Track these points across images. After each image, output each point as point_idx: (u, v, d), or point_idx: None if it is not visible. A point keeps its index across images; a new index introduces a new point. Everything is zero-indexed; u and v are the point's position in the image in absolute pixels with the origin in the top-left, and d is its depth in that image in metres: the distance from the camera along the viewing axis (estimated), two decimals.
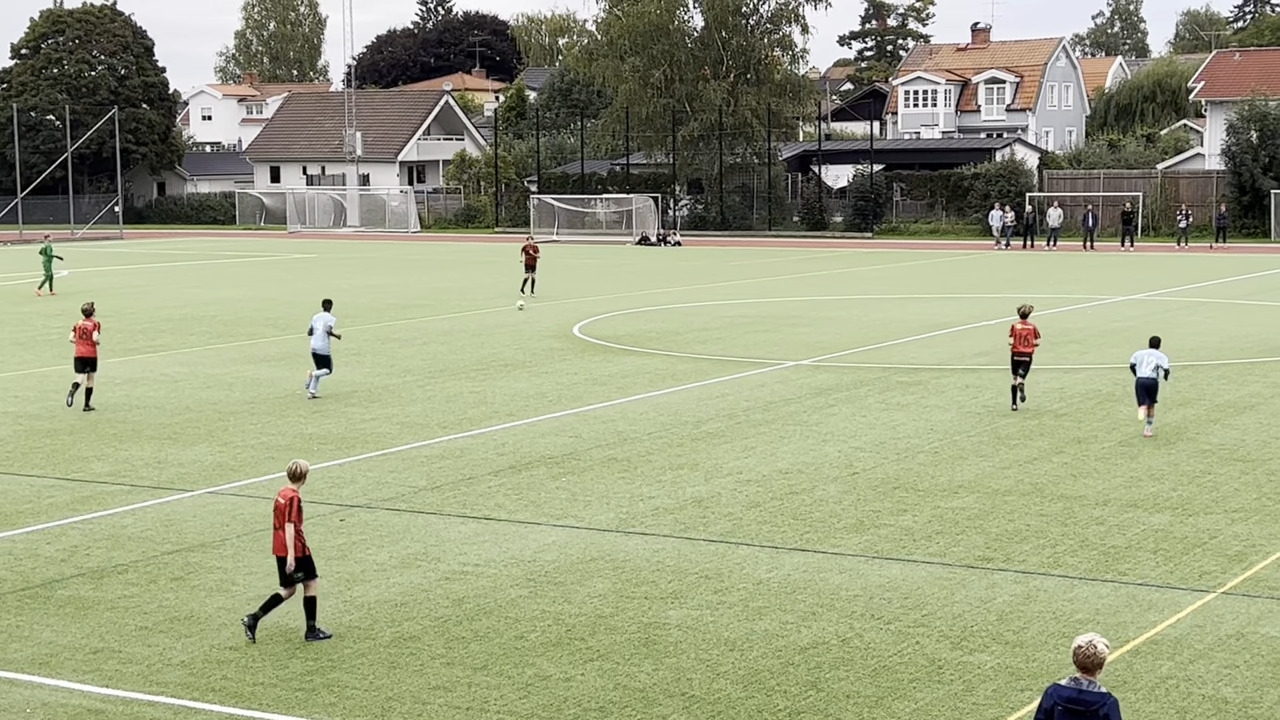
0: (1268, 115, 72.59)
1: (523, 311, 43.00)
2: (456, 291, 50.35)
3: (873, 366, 31.71)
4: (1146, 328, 37.23)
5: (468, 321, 41.05)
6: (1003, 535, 18.08)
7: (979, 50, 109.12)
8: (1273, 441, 23.19)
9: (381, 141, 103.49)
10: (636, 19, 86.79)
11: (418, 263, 65.62)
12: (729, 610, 15.41)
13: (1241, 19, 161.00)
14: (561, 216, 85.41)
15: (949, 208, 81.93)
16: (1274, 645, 14.13)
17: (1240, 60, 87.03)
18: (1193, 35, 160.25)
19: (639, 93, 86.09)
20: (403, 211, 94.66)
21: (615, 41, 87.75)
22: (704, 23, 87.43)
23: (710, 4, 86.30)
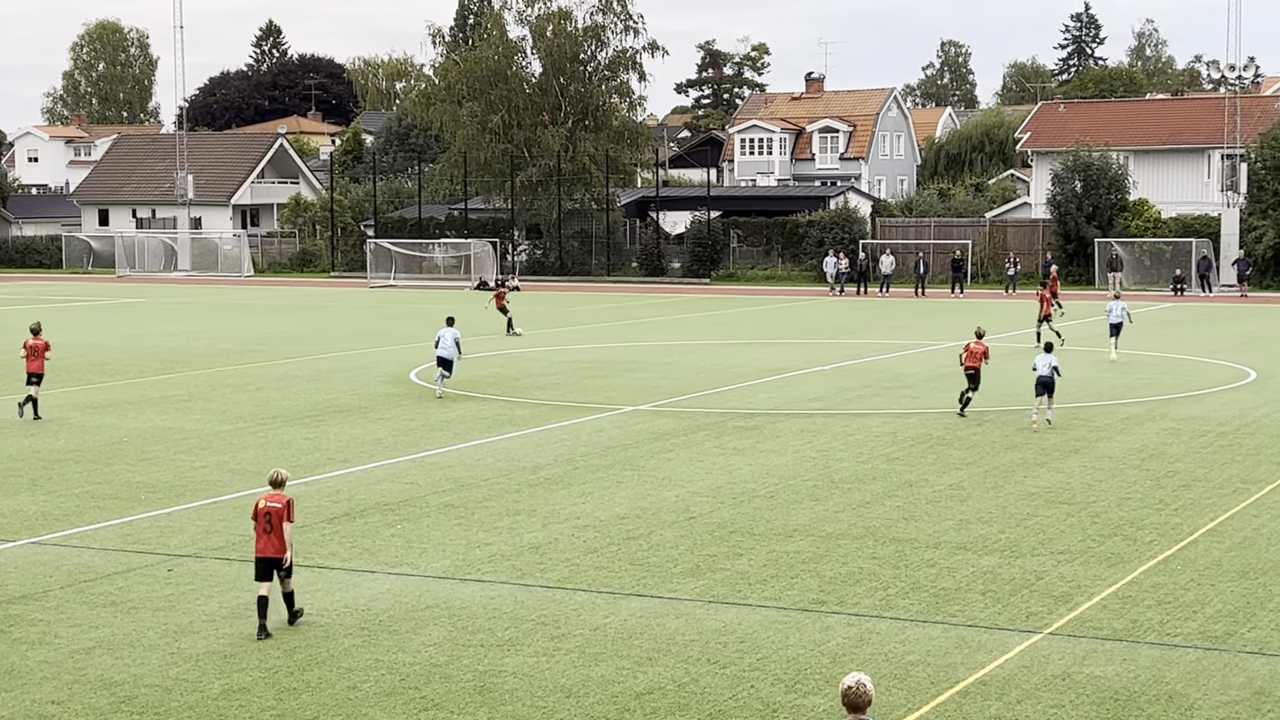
0: (1091, 165, 74.68)
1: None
2: (291, 337, 49.73)
3: (710, 411, 31.91)
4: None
5: (302, 367, 40.55)
6: (836, 578, 18.26)
7: (813, 100, 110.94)
8: (1096, 484, 23.76)
9: (214, 184, 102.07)
10: (474, 64, 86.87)
11: (251, 307, 64.70)
12: (565, 657, 15.35)
13: (1066, 71, 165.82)
14: (399, 261, 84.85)
15: (785, 254, 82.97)
16: (1099, 685, 14.42)
17: (1064, 112, 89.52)
18: (1019, 87, 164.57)
19: (477, 138, 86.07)
20: (236, 255, 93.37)
21: (453, 86, 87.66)
22: (542, 69, 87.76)
23: (548, 50, 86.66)
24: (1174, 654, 15.30)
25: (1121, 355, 40.72)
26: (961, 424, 29.79)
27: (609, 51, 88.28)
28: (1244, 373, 37.78)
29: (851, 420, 30.55)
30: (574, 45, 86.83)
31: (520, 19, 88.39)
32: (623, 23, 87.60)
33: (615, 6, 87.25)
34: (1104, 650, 15.45)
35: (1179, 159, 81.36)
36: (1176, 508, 21.97)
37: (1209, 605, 16.94)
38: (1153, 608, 16.89)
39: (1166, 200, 77.55)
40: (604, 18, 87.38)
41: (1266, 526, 20.69)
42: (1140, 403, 32.62)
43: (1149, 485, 23.62)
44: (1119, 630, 16.09)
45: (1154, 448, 26.93)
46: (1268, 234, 70.32)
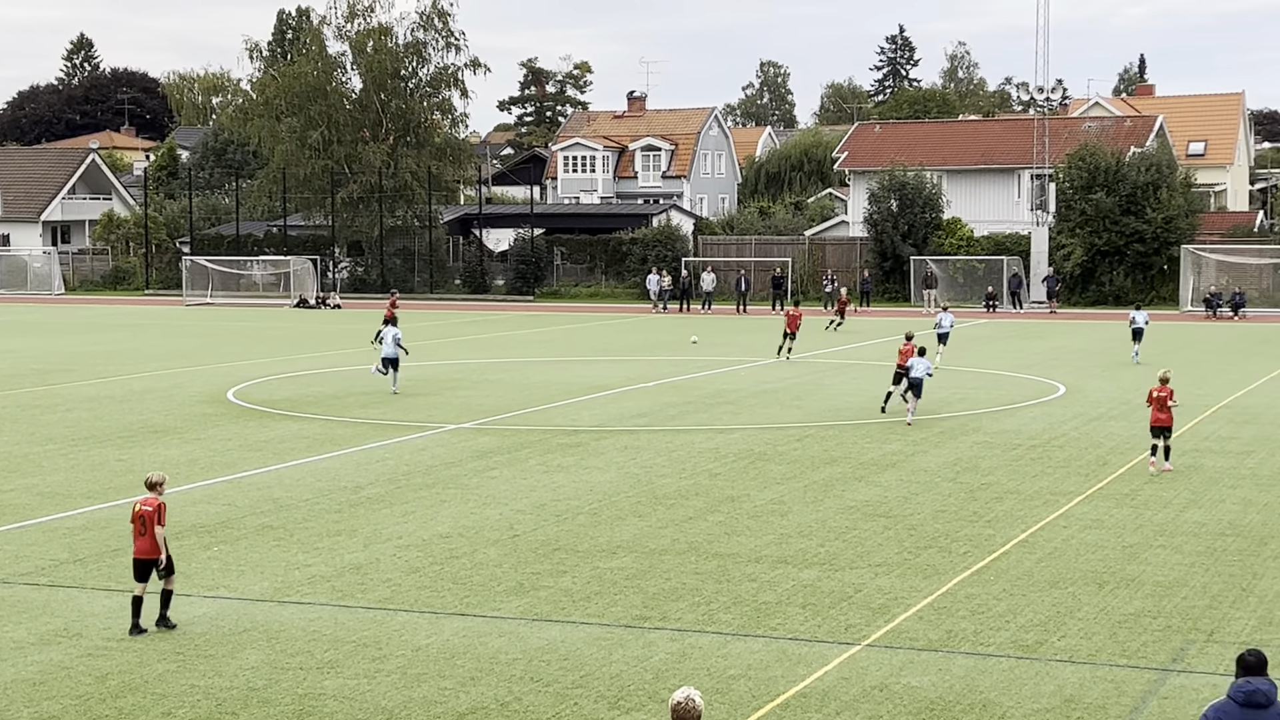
0: (906, 185, 76.20)
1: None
2: (103, 356, 48.57)
3: (534, 429, 31.87)
4: (796, 389, 38.53)
5: (115, 387, 39.63)
6: (659, 594, 18.34)
7: (635, 118, 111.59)
8: (912, 497, 24.19)
9: (23, 200, 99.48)
10: (293, 79, 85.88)
11: (61, 326, 63.10)
12: (387, 678, 15.19)
13: (882, 92, 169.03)
14: (216, 279, 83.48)
15: (608, 271, 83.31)
16: (915, 695, 14.67)
17: (880, 132, 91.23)
18: (836, 107, 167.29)
19: (296, 154, 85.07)
20: (46, 273, 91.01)
21: (271, 101, 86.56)
22: (363, 85, 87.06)
23: (369, 66, 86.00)
24: (987, 663, 15.62)
25: (940, 367, 41.50)
26: (782, 439, 30.14)
27: (431, 68, 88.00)
28: (1054, 387, 38.80)
29: (674, 436, 30.73)
30: (395, 61, 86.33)
31: (340, 34, 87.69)
32: (444, 39, 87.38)
33: (436, 23, 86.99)
34: (920, 661, 15.71)
35: (990, 179, 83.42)
36: (990, 520, 22.47)
37: (1021, 615, 17.33)
38: (967, 618, 17.22)
39: (979, 219, 79.45)
40: (425, 34, 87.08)
41: (1075, 537, 21.24)
42: (955, 417, 33.31)
43: (963, 498, 24.12)
44: (934, 641, 16.38)
45: (968, 461, 27.52)
46: (1076, 251, 72.38)
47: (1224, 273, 70.94)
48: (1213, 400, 35.32)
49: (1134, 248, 71.66)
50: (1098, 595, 18.15)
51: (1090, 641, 16.30)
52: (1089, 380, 40.17)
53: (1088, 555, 20.16)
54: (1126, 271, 72.20)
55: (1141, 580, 18.83)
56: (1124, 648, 16.09)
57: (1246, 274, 71.31)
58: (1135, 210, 71.22)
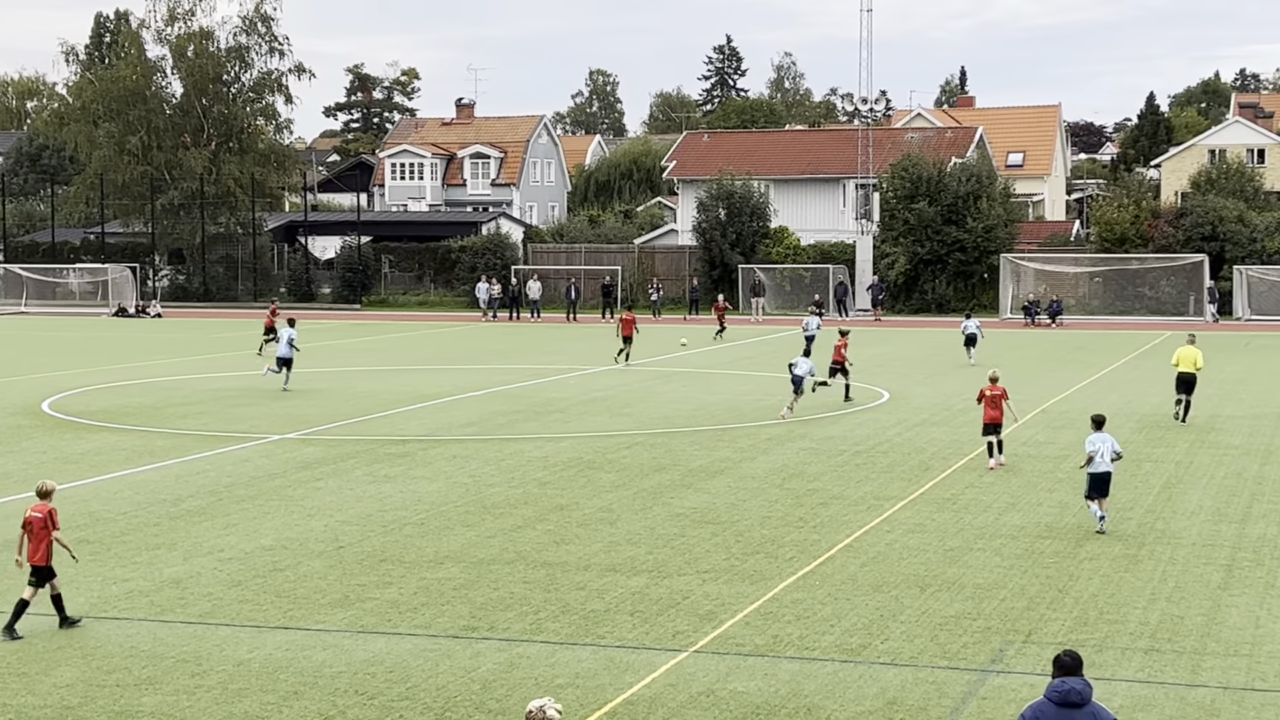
0: (734, 194, 76.89)
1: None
2: None
3: (360, 439, 31.51)
4: (625, 396, 38.63)
5: None
6: (487, 604, 18.22)
7: (464, 125, 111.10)
8: (740, 504, 24.36)
9: None
10: (111, 84, 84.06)
11: None
12: (207, 694, 14.88)
13: (710, 102, 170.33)
14: (30, 287, 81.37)
15: (437, 280, 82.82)
16: (741, 700, 14.75)
17: (709, 141, 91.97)
18: (665, 116, 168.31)
19: (114, 159, 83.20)
20: None
21: (89, 106, 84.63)
22: (184, 90, 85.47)
23: (190, 71, 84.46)
24: (812, 667, 15.77)
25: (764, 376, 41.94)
26: (612, 447, 30.18)
27: (254, 73, 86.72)
28: (878, 394, 39.39)
29: (504, 445, 30.60)
30: (217, 66, 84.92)
31: (159, 38, 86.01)
32: (268, 44, 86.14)
33: (259, 28, 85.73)
34: (746, 666, 15.81)
35: (816, 188, 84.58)
36: (815, 525, 22.71)
37: (845, 619, 17.53)
38: (793, 623, 17.38)
39: (805, 228, 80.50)
40: (248, 39, 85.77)
41: (899, 541, 21.56)
42: (782, 424, 33.63)
43: (790, 504, 24.35)
44: (761, 646, 16.50)
45: (794, 467, 27.80)
46: (899, 260, 73.64)
47: (1042, 281, 72.69)
48: (1031, 405, 36.13)
49: (955, 256, 73.11)
50: (920, 598, 18.44)
51: (912, 644, 16.55)
52: (912, 387, 40.86)
53: (910, 559, 20.48)
54: (948, 280, 73.63)
55: (962, 583, 19.18)
56: (945, 649, 16.36)
57: (1063, 282, 73.17)
58: (956, 220, 72.69)
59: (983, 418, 27.82)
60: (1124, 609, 17.95)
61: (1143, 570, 19.85)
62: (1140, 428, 32.82)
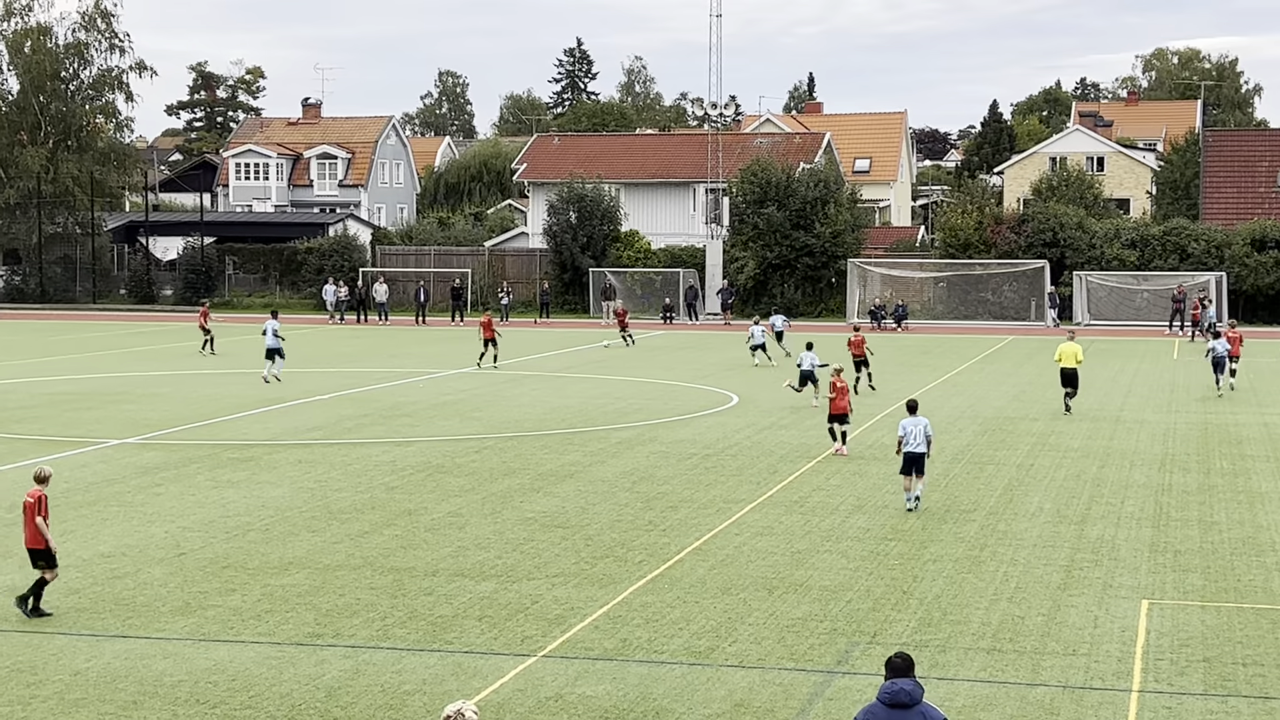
0: (585, 197, 76.86)
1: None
2: None
3: (203, 443, 30.95)
4: (475, 400, 38.43)
5: None
6: (333, 610, 17.98)
7: (311, 125, 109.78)
8: (590, 508, 24.33)
9: None
10: None
11: None
12: (43, 704, 14.49)
13: (561, 105, 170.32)
14: None
15: (283, 281, 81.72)
16: (589, 704, 14.72)
17: (559, 144, 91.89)
18: (516, 119, 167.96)
19: None
20: None
21: None
22: (20, 86, 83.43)
23: (27, 67, 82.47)
24: (661, 670, 15.78)
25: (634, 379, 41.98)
26: (461, 451, 29.97)
27: (93, 70, 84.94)
28: (727, 397, 39.62)
29: (351, 450, 30.26)
30: (55, 62, 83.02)
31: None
32: (108, 41, 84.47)
33: (99, 24, 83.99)
34: (595, 670, 15.78)
35: (667, 192, 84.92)
36: (665, 528, 22.75)
37: (694, 622, 17.57)
38: (641, 626, 17.38)
39: (656, 232, 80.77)
40: (87, 35, 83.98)
41: (747, 544, 21.67)
42: (632, 427, 33.68)
43: (639, 507, 24.37)
44: (609, 649, 16.48)
45: (644, 471, 27.84)
46: (749, 264, 74.18)
47: (888, 286, 73.70)
48: (877, 409, 36.57)
49: (804, 261, 73.83)
50: (767, 600, 18.55)
51: (760, 646, 16.63)
52: (760, 391, 41.15)
53: (758, 562, 20.60)
54: (797, 284, 74.33)
55: (809, 585, 19.33)
56: (792, 651, 16.47)
57: (909, 287, 74.24)
58: (805, 225, 73.40)
59: (830, 408, 29.72)
60: (966, 610, 18.21)
61: (985, 571, 20.16)
62: (983, 430, 33.40)
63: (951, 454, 29.78)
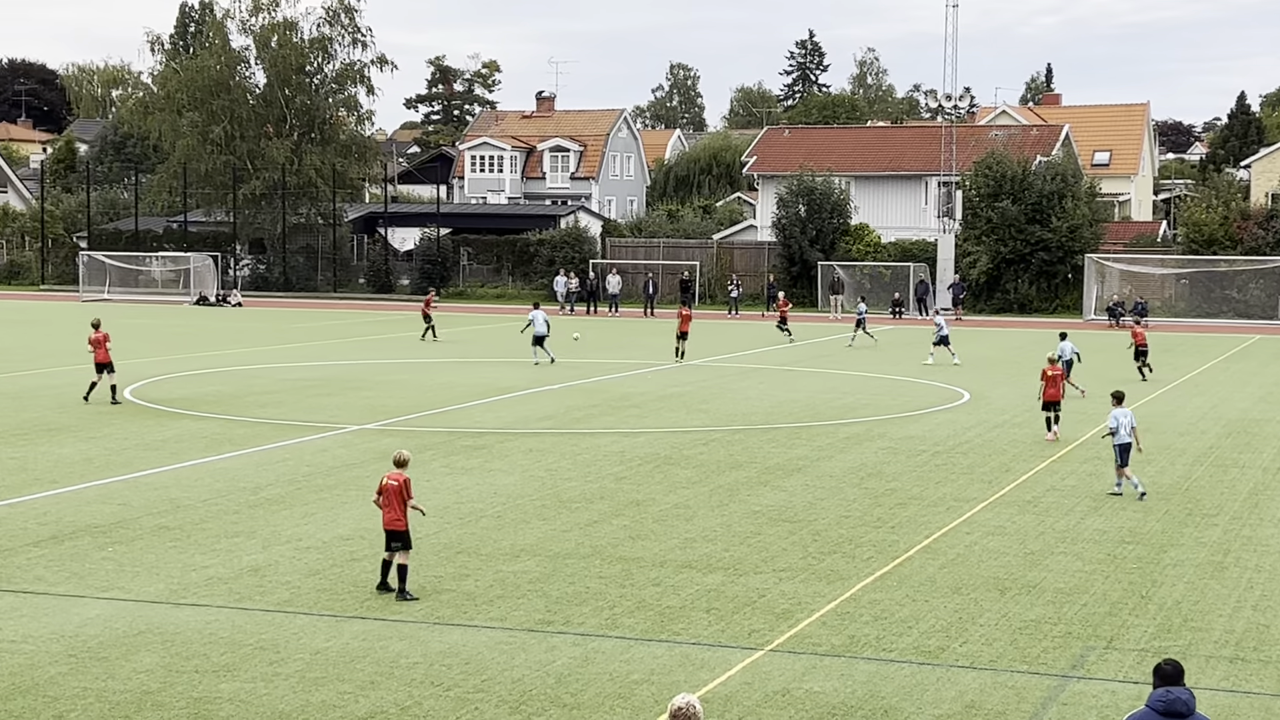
0: (814, 190, 76.51)
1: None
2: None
3: (438, 430, 31.58)
4: (702, 393, 38.51)
5: (7, 384, 38.84)
6: (563, 598, 18.18)
7: (544, 118, 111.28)
8: (817, 503, 24.19)
9: None
10: (195, 73, 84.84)
11: None
12: (284, 682, 14.92)
13: (791, 97, 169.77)
14: (114, 274, 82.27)
15: (515, 272, 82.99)
16: (816, 700, 14.62)
17: (790, 137, 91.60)
18: (746, 111, 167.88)
19: (198, 149, 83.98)
20: None
21: (173, 95, 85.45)
22: (267, 80, 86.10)
23: (273, 62, 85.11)
24: (889, 669, 15.60)
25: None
26: (688, 443, 30.07)
27: (336, 64, 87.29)
28: (958, 394, 39.04)
29: (580, 439, 30.57)
30: (300, 57, 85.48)
31: (244, 28, 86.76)
32: (350, 35, 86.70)
33: (343, 19, 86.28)
34: (823, 666, 15.67)
35: (898, 185, 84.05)
36: (894, 525, 22.51)
37: (923, 620, 17.34)
38: (870, 624, 17.21)
39: (886, 225, 80.00)
40: (331, 29, 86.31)
41: (978, 544, 21.32)
42: (860, 423, 33.40)
43: (868, 503, 24.15)
44: (837, 646, 16.35)
45: (872, 467, 27.58)
46: (981, 259, 73.02)
47: (1127, 282, 71.87)
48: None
49: (1039, 256, 72.40)
50: (999, 601, 18.21)
51: (991, 648, 16.34)
52: (993, 387, 40.47)
53: (990, 561, 20.24)
54: (1031, 279, 72.94)
55: (1043, 587, 18.93)
56: (1024, 654, 16.14)
57: (1149, 283, 72.28)
58: (1040, 219, 71.97)
59: (1043, 394, 31.03)
60: (1208, 616, 17.64)
61: (1228, 578, 19.51)
62: (1227, 432, 32.34)
63: (1193, 456, 28.90)
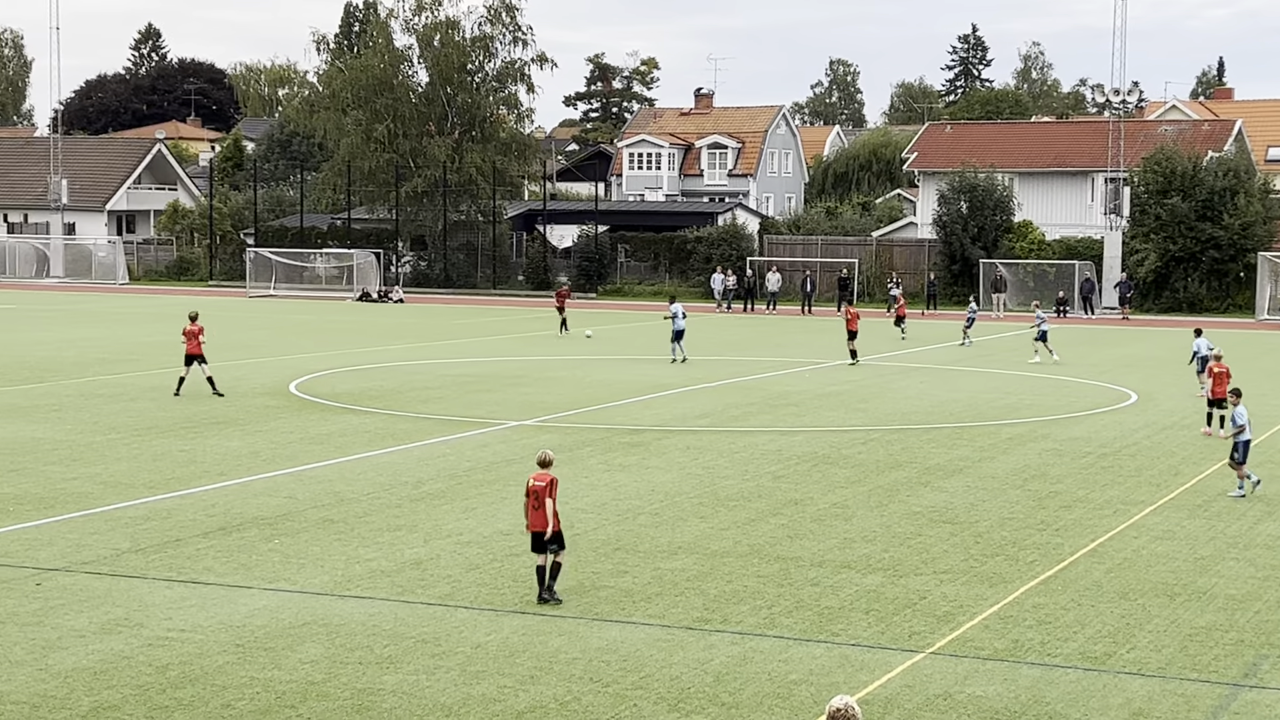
0: (976, 186, 75.46)
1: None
2: (166, 346, 48.68)
3: (595, 427, 31.71)
4: (861, 392, 38.20)
5: (177, 378, 39.70)
6: (721, 596, 18.13)
7: (702, 115, 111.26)
8: (979, 504, 23.85)
9: (89, 189, 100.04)
10: (359, 72, 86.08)
11: (126, 316, 63.53)
12: (446, 675, 15.06)
13: (953, 92, 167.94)
14: (279, 271, 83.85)
15: (672, 270, 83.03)
16: (979, 704, 14.40)
17: (951, 132, 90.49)
18: (907, 107, 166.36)
19: (361, 147, 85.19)
20: (110, 262, 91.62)
21: (337, 94, 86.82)
22: (429, 79, 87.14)
23: (435, 60, 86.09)
24: (1054, 674, 15.33)
25: (1019, 371, 41.11)
26: (847, 443, 29.84)
27: (497, 62, 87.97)
28: (1125, 394, 38.26)
29: (738, 437, 30.49)
30: (461, 55, 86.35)
31: (407, 27, 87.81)
32: (511, 34, 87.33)
33: (504, 17, 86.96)
34: (985, 670, 15.44)
35: (1063, 181, 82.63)
36: (1058, 528, 22.12)
37: (1089, 626, 17.01)
38: (1034, 628, 16.93)
39: (1051, 222, 78.67)
40: (492, 28, 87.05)
41: (1146, 548, 20.86)
42: (1023, 423, 32.89)
43: (1031, 506, 23.76)
44: (1000, 650, 16.10)
45: (1036, 468, 27.13)
46: (1150, 257, 71.47)
47: None
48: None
49: (1209, 254, 70.68)
50: (1168, 607, 17.80)
51: (1160, 654, 15.97)
52: (1161, 388, 39.60)
53: (1158, 566, 19.80)
54: (1201, 278, 71.23)
55: (1213, 593, 18.46)
56: (1195, 661, 15.76)
57: None
58: (1212, 216, 70.26)
59: (1210, 392, 30.96)
60: None
61: None
62: None
63: None
